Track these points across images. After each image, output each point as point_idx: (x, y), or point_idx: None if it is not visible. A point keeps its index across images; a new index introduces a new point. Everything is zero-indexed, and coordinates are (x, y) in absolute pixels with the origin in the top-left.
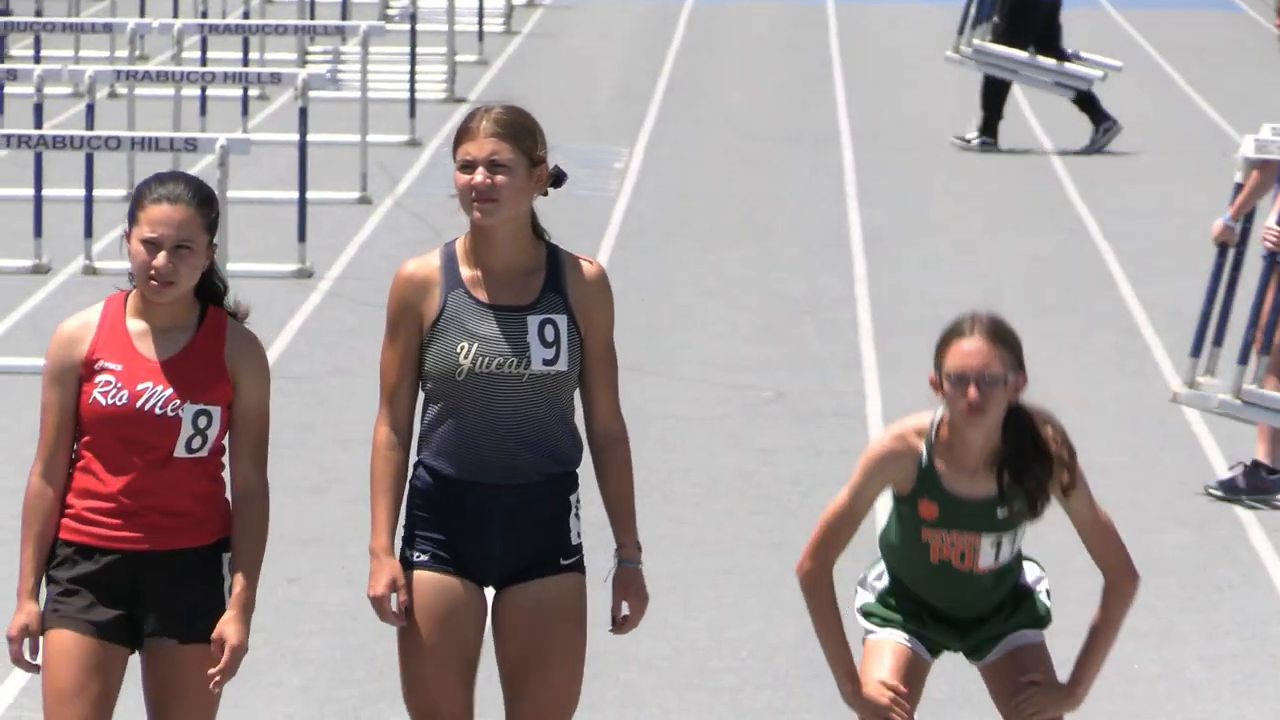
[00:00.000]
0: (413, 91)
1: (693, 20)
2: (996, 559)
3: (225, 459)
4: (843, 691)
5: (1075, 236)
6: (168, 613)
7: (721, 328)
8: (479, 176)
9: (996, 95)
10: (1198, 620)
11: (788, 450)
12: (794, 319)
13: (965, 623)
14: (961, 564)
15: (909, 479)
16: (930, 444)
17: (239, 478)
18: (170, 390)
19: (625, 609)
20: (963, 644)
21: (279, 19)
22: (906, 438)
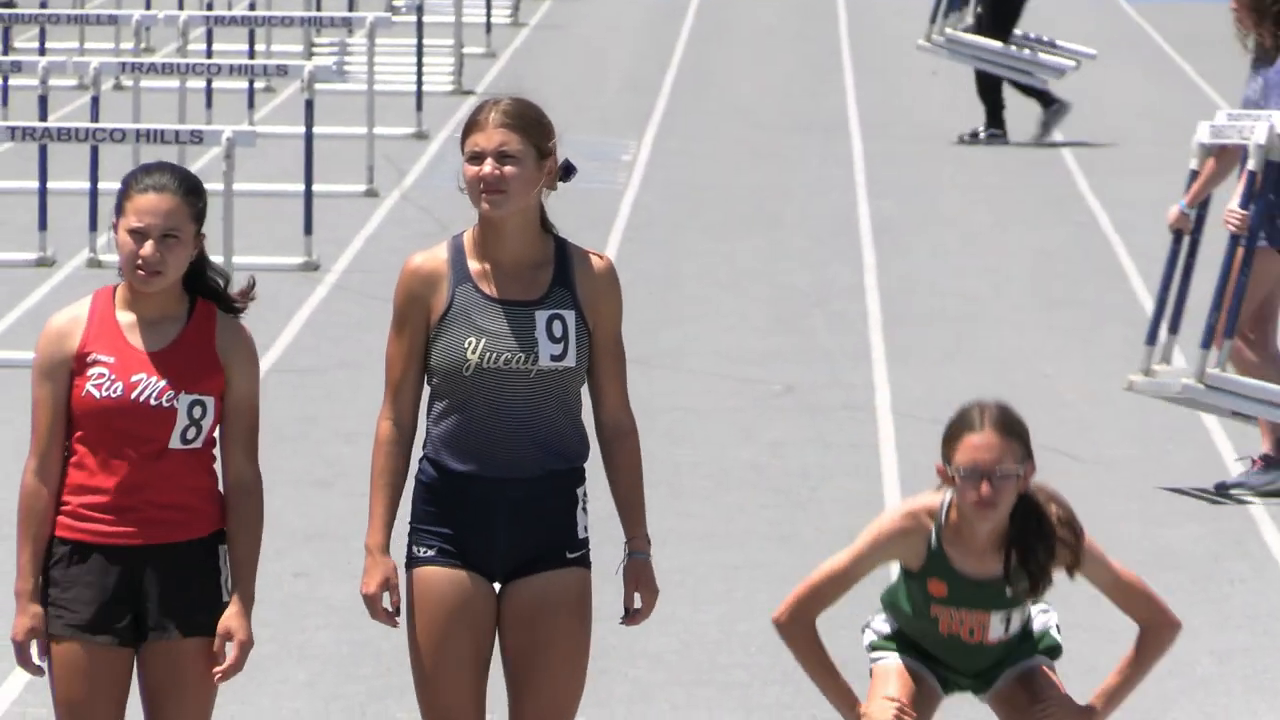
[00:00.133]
0: (419, 83)
1: (701, 11)
2: (1006, 631)
3: (217, 451)
4: None
5: (1085, 229)
6: (166, 607)
7: (731, 320)
8: (487, 168)
9: (992, 87)
10: (1208, 614)
11: (797, 443)
12: (803, 310)
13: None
14: (971, 638)
15: (918, 558)
16: (940, 526)
17: (232, 470)
18: (164, 381)
19: (637, 601)
20: (972, 682)
21: (285, 11)
22: (918, 517)
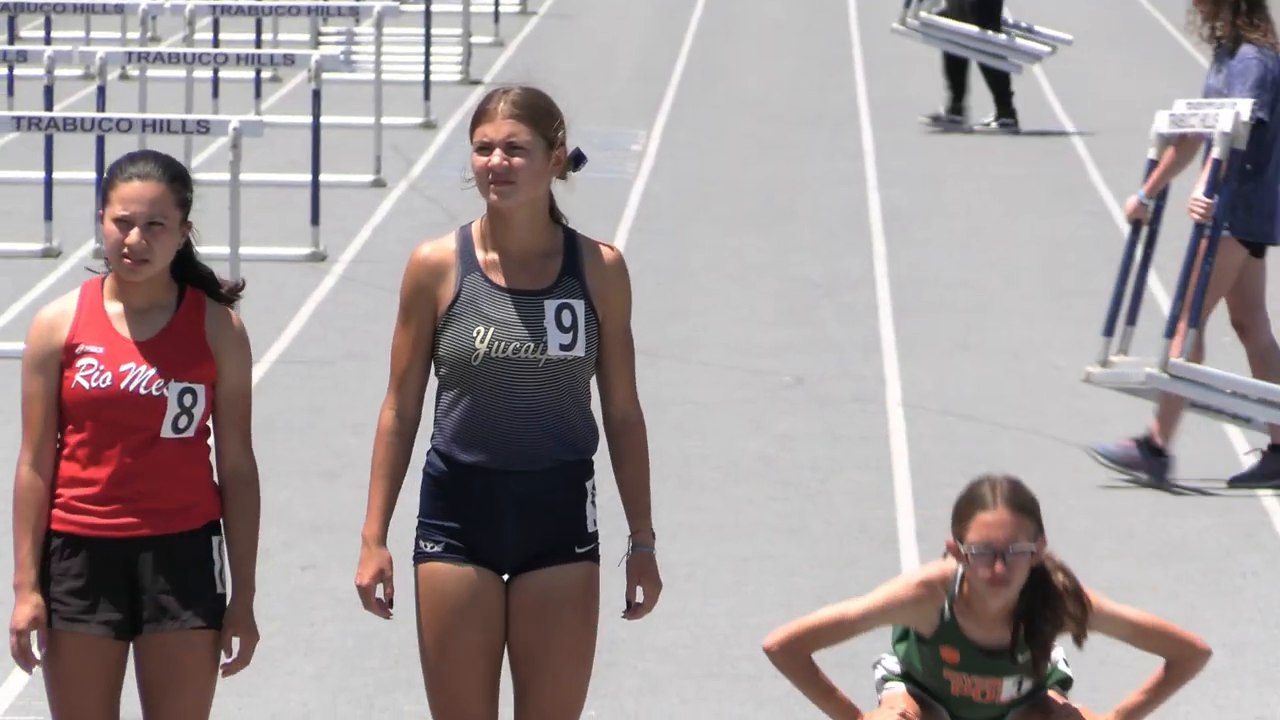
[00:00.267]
0: (427, 73)
1: (710, 2)
2: (1019, 691)
3: (210, 441)
4: None
5: (1096, 219)
6: (160, 600)
7: (740, 311)
8: (496, 158)
9: (997, 74)
10: (1221, 607)
11: (807, 435)
12: (813, 302)
13: None
14: (983, 700)
15: (930, 626)
16: (952, 598)
17: (227, 459)
18: (154, 370)
19: (639, 595)
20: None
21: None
22: (932, 587)
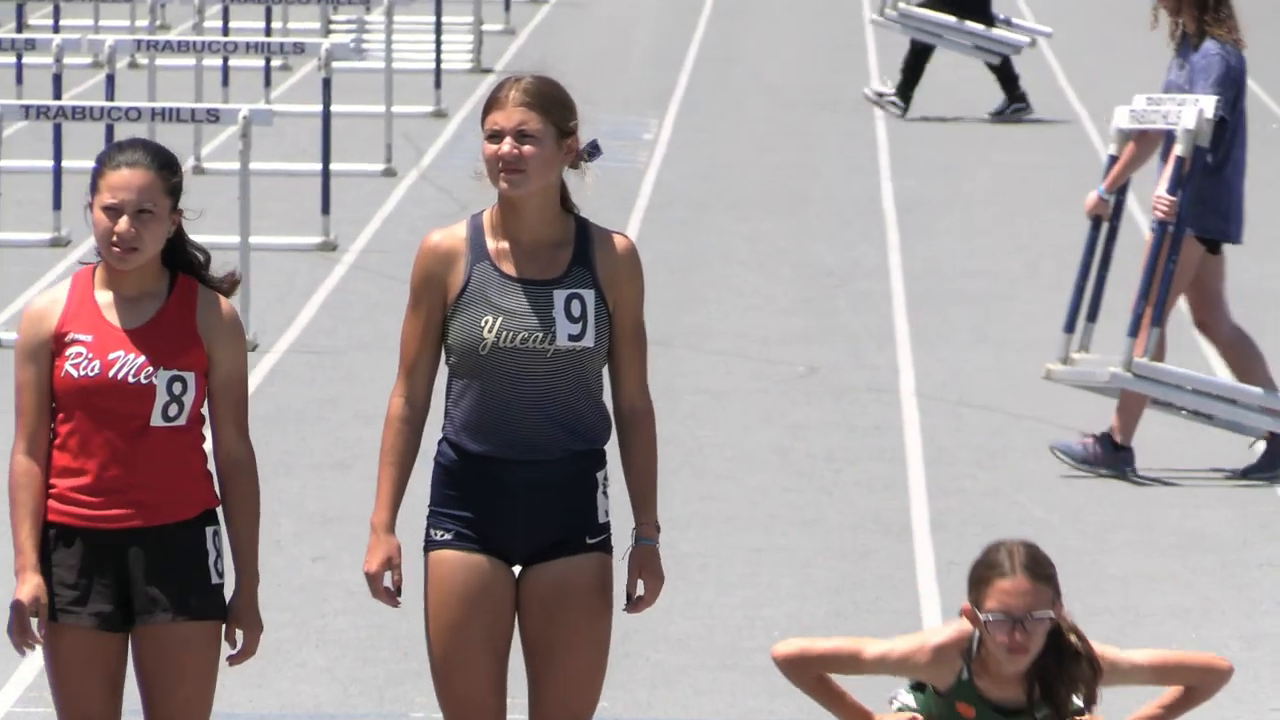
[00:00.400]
0: (438, 61)
1: None
2: None
3: (206, 430)
4: None
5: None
6: (154, 591)
7: (753, 300)
8: (506, 147)
9: (919, 56)
10: (1237, 598)
11: (821, 425)
12: (827, 291)
13: None
14: None
15: (946, 684)
16: (969, 659)
17: (224, 447)
18: (142, 358)
19: (640, 588)
20: None
21: None
22: (952, 651)
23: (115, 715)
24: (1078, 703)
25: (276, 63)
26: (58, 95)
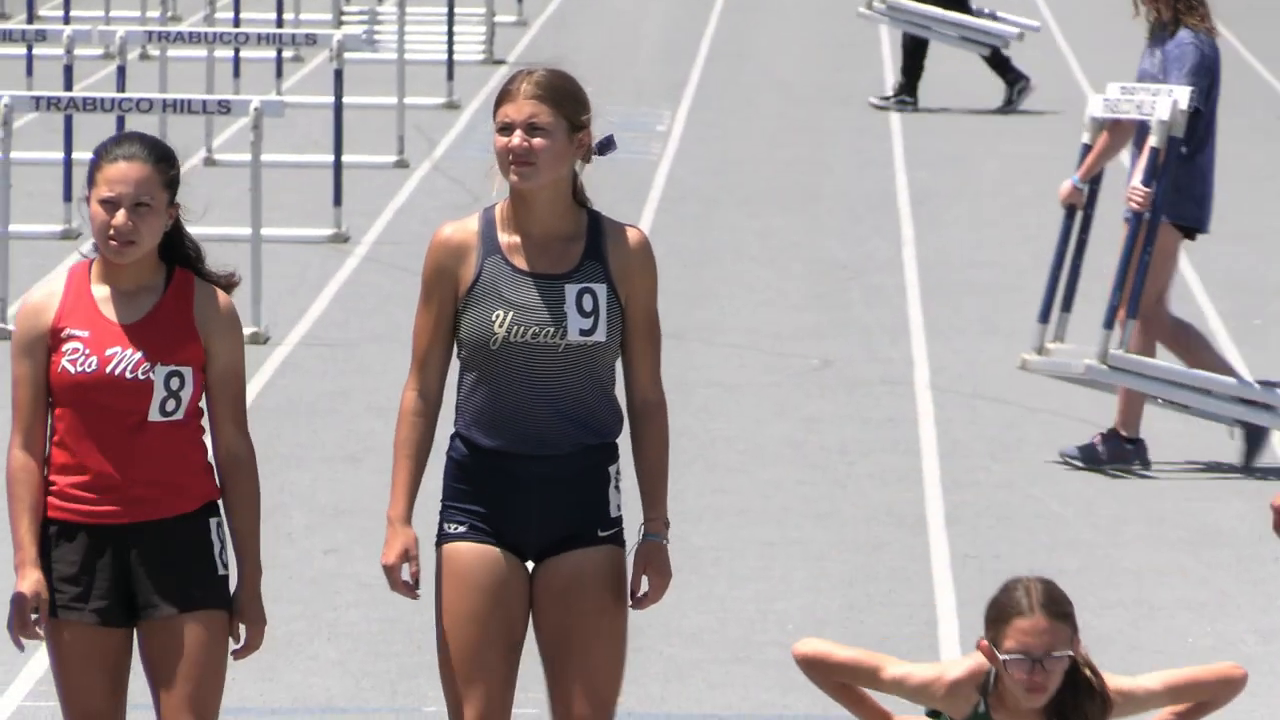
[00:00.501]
0: (450, 52)
1: None
2: None
3: (204, 423)
4: None
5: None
6: (158, 585)
7: (766, 294)
8: (516, 139)
9: (916, 51)
10: (1253, 593)
11: (835, 419)
12: (840, 284)
13: None
14: None
15: (962, 716)
16: (986, 693)
17: (222, 442)
18: (140, 353)
19: (645, 585)
20: None
21: None
22: (968, 685)
23: (119, 711)
24: None
25: (288, 54)
26: (68, 87)
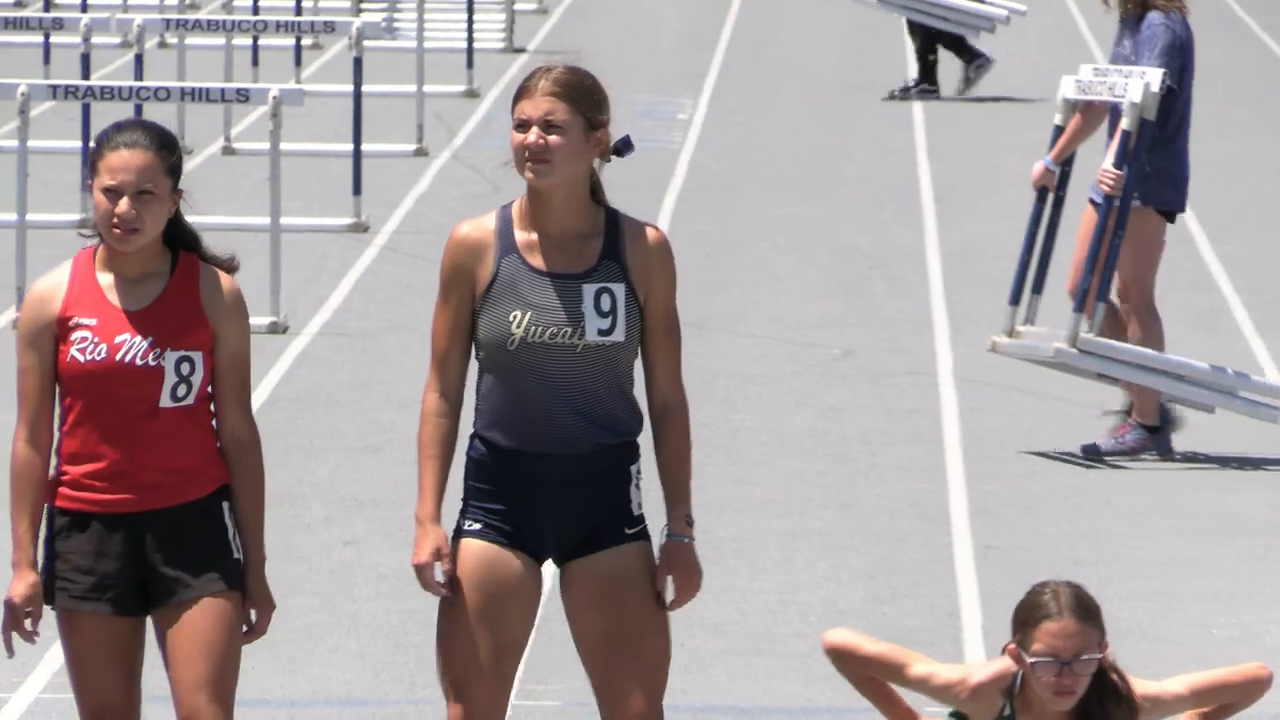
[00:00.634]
0: (470, 41)
1: None
2: None
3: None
4: None
5: None
6: (173, 571)
7: (788, 283)
8: (532, 136)
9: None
10: (1273, 584)
11: (857, 409)
12: (863, 274)
13: None
14: None
15: (986, 719)
16: (1012, 696)
17: (227, 427)
18: (149, 340)
19: (670, 588)
20: None
21: None
22: (994, 688)
23: (134, 701)
24: None
25: (307, 42)
26: (86, 75)
